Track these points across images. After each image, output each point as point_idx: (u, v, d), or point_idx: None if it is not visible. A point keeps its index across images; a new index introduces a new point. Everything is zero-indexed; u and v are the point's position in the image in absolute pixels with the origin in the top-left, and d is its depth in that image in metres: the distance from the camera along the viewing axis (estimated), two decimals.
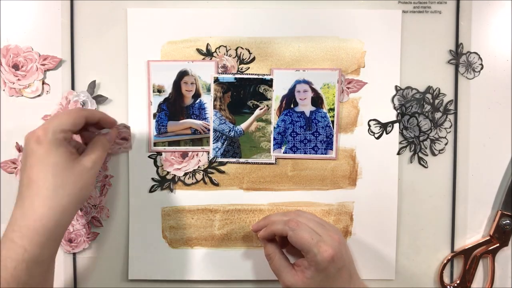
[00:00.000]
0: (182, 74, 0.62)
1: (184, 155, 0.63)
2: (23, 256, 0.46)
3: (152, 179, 0.63)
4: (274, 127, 0.63)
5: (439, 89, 0.64)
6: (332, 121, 0.63)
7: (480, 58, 0.63)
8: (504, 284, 0.65)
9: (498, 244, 0.64)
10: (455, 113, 0.64)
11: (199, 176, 0.63)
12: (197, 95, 0.63)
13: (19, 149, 0.63)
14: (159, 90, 0.63)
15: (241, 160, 0.63)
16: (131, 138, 0.63)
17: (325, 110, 0.63)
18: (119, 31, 0.63)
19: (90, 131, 0.58)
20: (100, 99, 0.63)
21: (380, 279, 0.64)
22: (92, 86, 0.63)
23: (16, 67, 0.62)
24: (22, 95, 0.63)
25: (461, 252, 0.64)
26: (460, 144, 0.64)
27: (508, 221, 0.63)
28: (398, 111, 0.63)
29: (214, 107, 0.63)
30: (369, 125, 0.63)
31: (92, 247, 0.64)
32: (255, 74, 0.63)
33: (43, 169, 0.49)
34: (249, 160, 0.64)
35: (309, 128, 0.63)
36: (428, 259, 0.65)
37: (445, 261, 0.64)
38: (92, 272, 0.64)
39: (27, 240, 0.47)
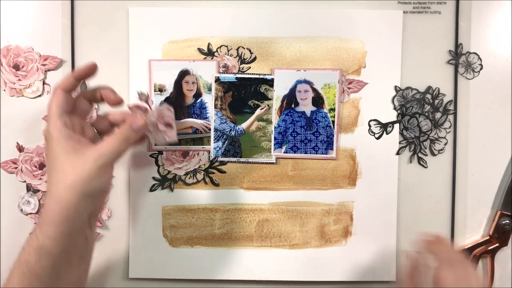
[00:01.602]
0: (183, 73, 0.62)
1: (185, 154, 0.63)
2: (36, 243, 0.48)
3: (153, 178, 0.63)
4: (274, 127, 0.63)
5: (438, 89, 0.64)
6: (333, 121, 0.63)
7: (479, 58, 0.64)
8: (504, 284, 0.65)
9: (497, 244, 0.64)
10: (455, 113, 0.64)
11: (199, 176, 0.64)
12: (198, 94, 0.63)
13: (20, 149, 0.63)
14: (160, 89, 0.63)
15: (242, 159, 0.64)
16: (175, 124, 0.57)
17: (325, 110, 0.63)
18: (120, 30, 0.63)
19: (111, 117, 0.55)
20: None
21: (380, 280, 0.64)
22: (84, 88, 0.63)
23: (16, 67, 0.62)
24: (23, 95, 0.63)
25: (461, 252, 0.65)
26: (460, 144, 0.64)
27: (507, 221, 0.64)
28: (399, 111, 0.64)
29: (215, 107, 0.63)
30: (369, 125, 0.64)
31: None
32: (256, 74, 0.63)
33: (48, 164, 0.50)
34: (250, 160, 0.64)
35: (309, 128, 0.63)
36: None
37: None
38: (92, 272, 0.64)
39: (39, 229, 0.48)
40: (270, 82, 0.63)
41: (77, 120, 0.53)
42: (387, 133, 0.64)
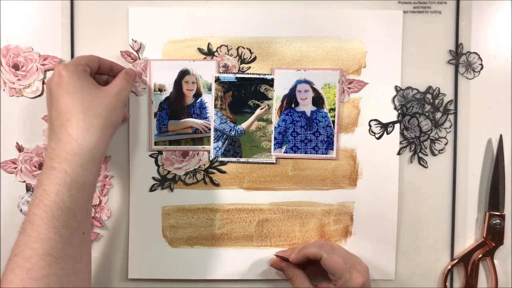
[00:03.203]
0: (183, 73, 0.62)
1: (184, 154, 0.63)
2: (64, 179, 0.48)
3: (153, 178, 0.63)
4: (275, 127, 0.63)
5: (439, 89, 0.64)
6: (333, 121, 0.63)
7: (480, 58, 0.64)
8: (505, 284, 0.65)
9: (494, 245, 0.64)
10: (455, 113, 0.64)
11: (199, 176, 0.63)
12: (198, 94, 0.63)
13: (19, 149, 0.63)
14: (160, 89, 0.62)
15: (242, 159, 0.63)
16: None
17: (326, 110, 0.63)
18: (119, 30, 0.63)
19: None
20: None
21: (380, 279, 0.64)
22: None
23: (16, 67, 0.62)
24: (22, 95, 0.63)
25: (460, 260, 0.64)
26: (460, 144, 0.64)
27: (497, 220, 0.63)
28: (399, 111, 0.63)
29: (215, 107, 0.63)
30: (370, 125, 0.64)
31: (92, 247, 0.64)
32: (256, 74, 0.63)
33: (69, 97, 0.51)
34: (250, 160, 0.64)
35: (309, 128, 0.63)
36: (428, 259, 0.65)
37: (446, 271, 0.64)
38: (92, 272, 0.64)
39: (66, 163, 0.48)
40: (270, 82, 0.63)
41: None
42: (387, 133, 0.64)
